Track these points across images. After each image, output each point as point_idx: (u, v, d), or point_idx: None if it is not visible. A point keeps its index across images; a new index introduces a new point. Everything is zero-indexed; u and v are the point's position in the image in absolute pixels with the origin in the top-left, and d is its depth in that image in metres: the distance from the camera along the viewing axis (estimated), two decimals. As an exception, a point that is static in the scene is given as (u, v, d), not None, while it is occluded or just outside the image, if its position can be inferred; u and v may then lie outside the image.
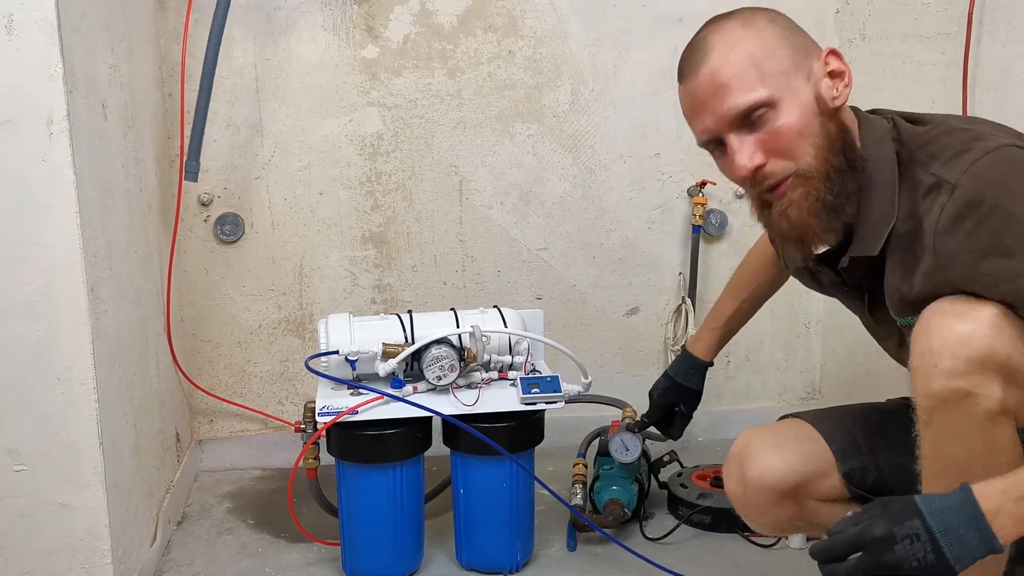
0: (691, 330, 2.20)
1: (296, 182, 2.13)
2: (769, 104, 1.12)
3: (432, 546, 1.79)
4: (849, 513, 1.04)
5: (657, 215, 2.24)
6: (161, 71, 2.02)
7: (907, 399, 1.13)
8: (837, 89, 1.15)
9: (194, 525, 1.94)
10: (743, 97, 1.13)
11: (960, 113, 1.73)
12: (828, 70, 1.15)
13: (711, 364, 1.67)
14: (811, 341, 2.36)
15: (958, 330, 1.05)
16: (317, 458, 1.70)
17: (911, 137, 1.16)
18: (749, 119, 1.14)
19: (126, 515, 1.60)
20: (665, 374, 1.69)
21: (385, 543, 1.66)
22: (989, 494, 0.97)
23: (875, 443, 1.36)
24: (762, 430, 1.42)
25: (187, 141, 1.95)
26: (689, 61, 1.18)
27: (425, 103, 2.13)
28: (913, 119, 1.20)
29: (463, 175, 2.17)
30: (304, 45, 2.07)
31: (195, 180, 1.94)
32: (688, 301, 2.23)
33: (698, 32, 1.21)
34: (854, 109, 1.21)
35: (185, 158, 1.94)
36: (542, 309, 1.87)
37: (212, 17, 1.88)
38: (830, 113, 1.15)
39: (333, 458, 1.66)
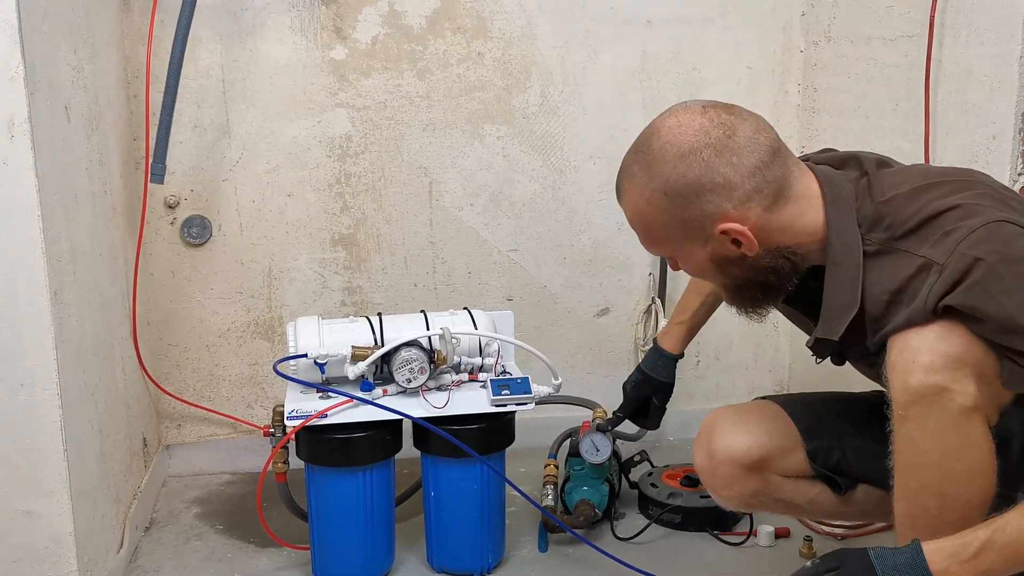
0: (661, 331, 2.21)
1: (264, 184, 2.11)
2: (670, 256, 1.29)
3: (403, 549, 1.78)
4: (808, 563, 1.11)
5: (627, 216, 2.25)
6: (126, 72, 1.99)
7: (880, 391, 1.16)
8: (742, 249, 1.19)
9: (162, 531, 1.92)
10: (648, 249, 1.30)
11: (923, 113, 1.75)
12: (730, 241, 1.19)
13: (681, 356, 1.70)
14: (780, 341, 2.38)
15: (937, 329, 1.08)
16: (286, 462, 1.69)
17: (892, 218, 1.17)
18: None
19: (92, 522, 1.58)
20: (638, 368, 1.73)
21: (355, 547, 1.65)
22: (938, 556, 1.04)
23: (842, 426, 1.41)
24: (731, 407, 1.49)
25: (153, 143, 1.92)
26: (616, 187, 1.28)
27: (394, 104, 2.13)
28: (891, 185, 1.20)
29: (433, 176, 2.17)
30: (272, 46, 2.06)
31: (161, 182, 1.92)
32: (658, 301, 2.25)
33: (626, 155, 1.26)
34: (822, 179, 1.22)
35: (151, 160, 1.91)
36: (513, 310, 1.87)
37: (177, 18, 1.87)
38: (736, 261, 1.21)
39: (303, 462, 1.65)
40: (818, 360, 1.30)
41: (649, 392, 1.70)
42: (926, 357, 1.07)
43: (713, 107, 1.19)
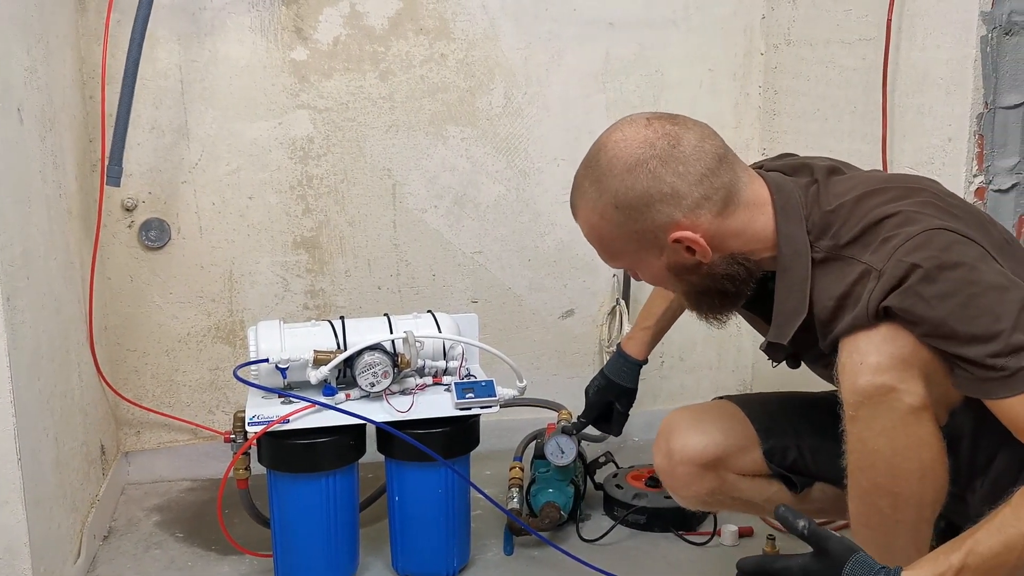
0: (626, 331, 2.22)
1: (224, 186, 2.09)
2: (629, 267, 1.29)
3: (368, 554, 1.77)
4: (801, 523, 1.08)
5: (591, 218, 2.25)
6: (81, 73, 1.96)
7: (836, 391, 1.17)
8: (696, 256, 1.20)
9: (121, 540, 1.89)
10: (607, 262, 1.30)
11: (880, 116, 1.78)
12: (685, 249, 1.20)
13: (645, 362, 1.70)
14: (742, 341, 2.40)
15: (884, 331, 1.10)
16: (248, 468, 1.66)
17: (838, 226, 1.18)
18: None
19: (47, 532, 1.54)
20: (601, 372, 1.73)
21: (319, 553, 1.64)
22: None
23: (799, 426, 1.43)
24: (689, 408, 1.52)
25: (109, 145, 1.89)
26: (570, 203, 1.28)
27: (356, 106, 2.11)
28: (839, 193, 1.21)
29: (396, 178, 2.16)
30: (231, 47, 2.03)
31: (117, 185, 1.89)
32: (622, 303, 2.25)
33: (577, 171, 1.26)
34: (772, 186, 1.23)
35: (107, 162, 1.88)
36: (477, 313, 1.86)
37: (134, 17, 1.83)
38: (692, 268, 1.22)
39: (265, 468, 1.63)
40: (774, 364, 1.32)
41: (612, 397, 1.70)
42: (873, 358, 1.09)
43: (657, 118, 1.20)
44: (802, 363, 1.34)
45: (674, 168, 1.16)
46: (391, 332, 1.67)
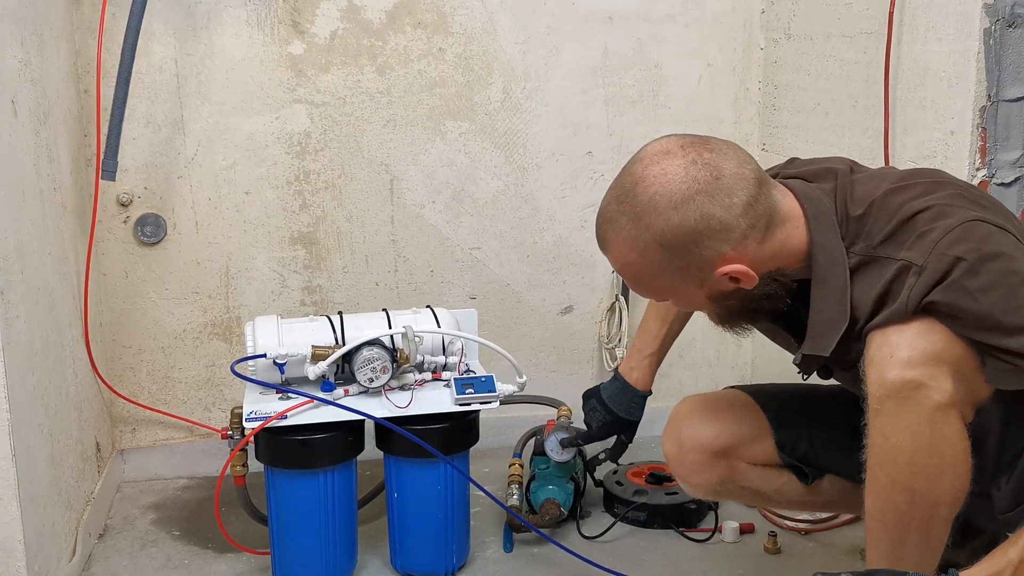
0: (625, 328, 2.21)
1: (221, 181, 2.07)
2: (659, 298, 1.28)
3: (366, 551, 1.76)
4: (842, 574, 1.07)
5: (590, 213, 2.24)
6: (76, 66, 1.94)
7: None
8: (740, 283, 1.18)
9: (116, 538, 1.87)
10: (638, 292, 1.27)
11: (882, 110, 1.77)
12: (729, 279, 1.17)
13: (650, 393, 1.65)
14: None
15: (917, 326, 1.08)
16: (245, 465, 1.65)
17: (870, 226, 1.17)
18: None
19: (42, 530, 1.53)
20: (606, 407, 1.64)
21: (317, 551, 1.62)
22: None
23: (810, 417, 1.42)
24: (700, 396, 1.49)
25: (104, 139, 1.87)
26: (598, 236, 1.23)
27: (354, 100, 2.10)
28: (866, 194, 1.20)
29: (394, 174, 2.14)
30: (227, 40, 2.02)
31: (113, 179, 1.87)
32: (622, 299, 2.24)
33: (604, 199, 1.20)
34: (800, 196, 1.20)
35: (102, 156, 1.86)
36: (476, 309, 1.85)
37: (129, 10, 1.82)
38: (731, 294, 1.19)
39: (262, 465, 1.62)
40: (805, 377, 1.29)
41: (618, 431, 1.67)
42: (904, 353, 1.08)
43: (691, 145, 1.16)
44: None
45: (721, 201, 1.12)
46: (390, 327, 1.65)
